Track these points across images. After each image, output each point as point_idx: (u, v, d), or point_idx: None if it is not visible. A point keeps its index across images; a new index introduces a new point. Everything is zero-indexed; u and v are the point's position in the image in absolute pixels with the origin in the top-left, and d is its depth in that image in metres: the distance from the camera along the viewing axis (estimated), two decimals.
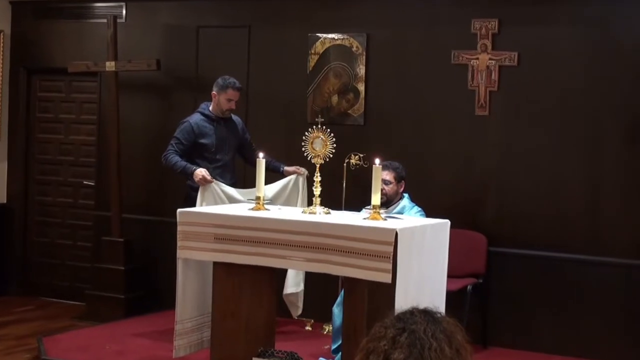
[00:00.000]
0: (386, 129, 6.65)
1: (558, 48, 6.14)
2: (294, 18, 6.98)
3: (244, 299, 5.00)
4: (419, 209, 5.57)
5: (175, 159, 6.10)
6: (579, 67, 6.09)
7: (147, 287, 7.31)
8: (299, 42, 6.93)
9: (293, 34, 6.96)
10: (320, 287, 6.25)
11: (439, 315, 1.95)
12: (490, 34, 6.28)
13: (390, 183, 5.59)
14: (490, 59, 6.28)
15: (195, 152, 6.20)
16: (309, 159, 5.12)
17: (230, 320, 5.00)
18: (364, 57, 6.71)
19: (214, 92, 6.27)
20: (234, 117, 6.45)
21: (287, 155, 6.51)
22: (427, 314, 1.94)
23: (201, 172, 5.90)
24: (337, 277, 5.55)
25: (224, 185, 5.98)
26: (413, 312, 1.95)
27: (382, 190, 5.16)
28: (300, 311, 6.36)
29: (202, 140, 6.20)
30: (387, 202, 5.46)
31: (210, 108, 6.30)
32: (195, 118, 6.26)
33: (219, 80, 6.26)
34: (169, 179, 7.12)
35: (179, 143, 6.17)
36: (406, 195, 5.71)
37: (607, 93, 6.02)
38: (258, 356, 4.89)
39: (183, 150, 6.16)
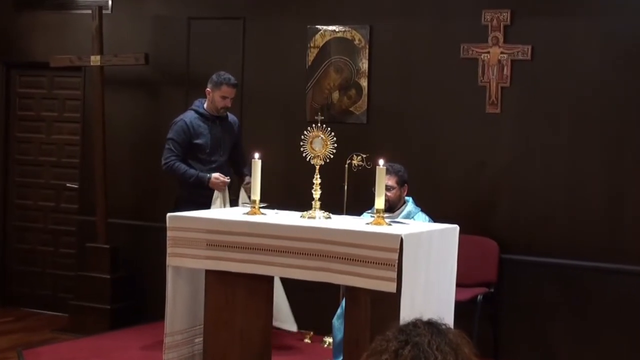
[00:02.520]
0: (390, 128, 6.67)
1: (575, 41, 6.15)
2: (292, 9, 7.00)
3: (238, 310, 5.01)
4: (426, 216, 5.58)
5: (182, 167, 6.13)
6: (598, 61, 6.10)
7: (135, 297, 7.33)
8: (297, 35, 6.95)
9: (291, 26, 6.98)
10: (319, 297, 6.25)
11: (444, 326, 1.96)
12: (502, 25, 6.29)
13: (393, 188, 5.59)
14: (502, 52, 6.30)
15: (188, 153, 6.21)
16: (308, 159, 5.13)
17: (223, 332, 5.01)
18: (367, 50, 6.73)
19: (208, 89, 6.28)
20: (231, 116, 6.47)
21: (285, 156, 6.54)
22: (431, 326, 1.95)
23: (217, 178, 6.06)
24: (337, 286, 5.56)
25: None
26: (416, 324, 1.95)
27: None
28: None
29: (197, 141, 6.21)
30: (390, 208, 5.47)
31: (205, 106, 6.31)
32: (190, 116, 6.27)
33: (214, 76, 6.28)
34: (158, 182, 7.14)
35: (178, 146, 6.17)
36: (410, 199, 5.72)
37: (629, 89, 6.02)
38: None
39: (182, 152, 6.18)
